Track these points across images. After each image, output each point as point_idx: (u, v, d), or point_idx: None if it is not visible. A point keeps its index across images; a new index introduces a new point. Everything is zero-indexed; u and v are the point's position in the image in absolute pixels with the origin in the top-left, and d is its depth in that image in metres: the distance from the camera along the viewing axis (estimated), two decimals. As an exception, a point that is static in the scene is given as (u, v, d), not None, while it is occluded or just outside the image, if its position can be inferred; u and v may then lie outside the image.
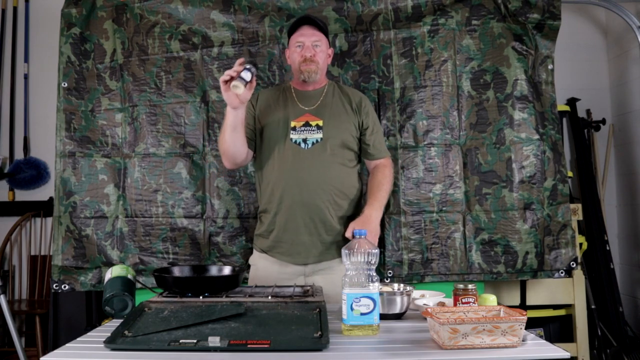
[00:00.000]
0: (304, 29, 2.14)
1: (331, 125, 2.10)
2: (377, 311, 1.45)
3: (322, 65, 2.15)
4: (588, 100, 3.68)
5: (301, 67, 2.11)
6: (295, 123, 2.10)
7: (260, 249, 2.15)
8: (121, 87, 2.67)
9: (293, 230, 2.05)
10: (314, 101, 2.15)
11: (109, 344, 1.30)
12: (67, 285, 2.58)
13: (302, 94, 2.18)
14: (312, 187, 2.04)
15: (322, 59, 2.15)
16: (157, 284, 1.67)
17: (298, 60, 2.13)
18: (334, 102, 2.17)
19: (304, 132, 2.09)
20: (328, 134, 2.08)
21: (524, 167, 2.63)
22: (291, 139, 2.08)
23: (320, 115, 2.12)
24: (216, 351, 1.27)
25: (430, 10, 2.71)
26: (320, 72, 2.14)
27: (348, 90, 2.25)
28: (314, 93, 2.18)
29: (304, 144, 2.07)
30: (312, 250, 2.06)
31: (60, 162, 2.62)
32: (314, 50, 2.11)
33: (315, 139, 2.08)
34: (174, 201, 2.61)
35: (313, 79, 2.13)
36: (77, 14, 2.68)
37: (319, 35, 2.14)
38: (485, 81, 2.69)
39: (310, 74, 2.11)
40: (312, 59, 2.10)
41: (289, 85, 2.24)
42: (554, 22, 2.68)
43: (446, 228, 2.63)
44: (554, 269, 2.61)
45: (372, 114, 2.21)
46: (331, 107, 2.15)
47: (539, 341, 1.39)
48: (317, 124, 2.10)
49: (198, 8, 2.69)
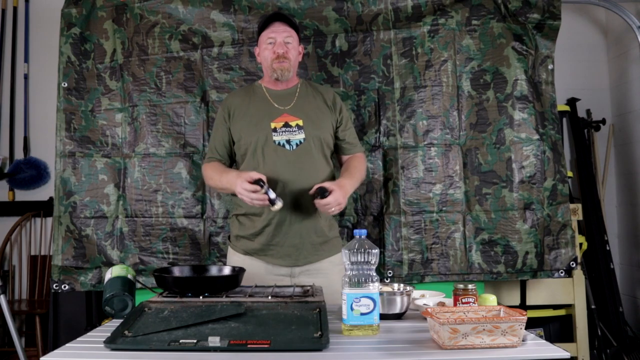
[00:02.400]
0: (275, 25, 2.09)
1: (311, 124, 2.07)
2: (377, 311, 1.45)
3: (294, 62, 2.12)
4: (588, 100, 3.68)
5: (273, 65, 2.07)
6: (275, 124, 2.06)
7: (244, 251, 2.10)
8: (121, 87, 2.67)
9: (284, 233, 2.03)
10: (289, 100, 2.11)
11: (109, 344, 1.30)
12: (67, 285, 2.58)
13: (276, 93, 2.13)
14: (301, 189, 2.01)
15: (294, 56, 2.11)
16: (157, 284, 1.67)
17: (270, 57, 2.08)
18: (309, 100, 2.13)
19: (285, 133, 2.05)
20: (310, 134, 2.06)
21: (524, 167, 2.63)
22: (274, 141, 2.04)
23: (298, 114, 2.08)
24: (216, 351, 1.27)
25: (430, 10, 2.71)
26: (292, 70, 2.10)
27: (320, 88, 2.23)
28: (288, 92, 2.14)
29: (288, 146, 2.04)
30: (302, 252, 2.05)
31: (60, 162, 2.62)
32: (285, 47, 2.07)
33: (298, 140, 2.04)
34: (174, 201, 2.61)
35: (286, 77, 2.09)
36: (77, 14, 2.68)
37: (290, 32, 2.10)
38: (485, 81, 2.69)
39: (283, 72, 2.07)
40: (285, 55, 2.06)
41: (258, 85, 2.18)
42: (554, 22, 2.68)
43: (446, 228, 2.63)
44: (553, 269, 2.61)
45: (344, 110, 2.20)
46: (308, 105, 2.12)
47: (539, 341, 1.39)
48: (297, 124, 2.06)
49: (198, 8, 2.69)
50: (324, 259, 2.08)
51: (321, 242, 2.08)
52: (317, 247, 2.07)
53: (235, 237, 2.15)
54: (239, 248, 2.12)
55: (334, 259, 2.09)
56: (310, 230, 2.05)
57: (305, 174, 2.02)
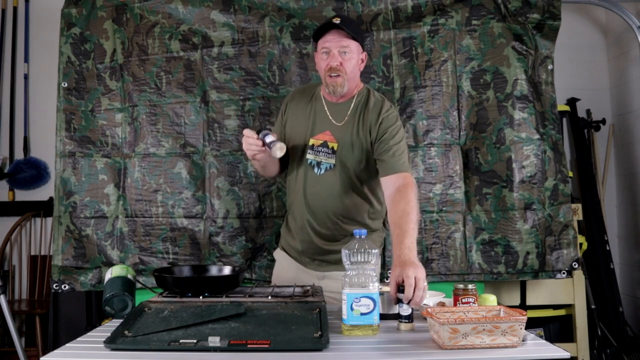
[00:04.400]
0: (331, 34, 1.95)
1: (345, 151, 1.98)
2: (377, 311, 1.45)
3: (351, 74, 1.96)
4: (588, 100, 3.68)
5: (327, 80, 1.96)
6: (314, 141, 2.00)
7: (283, 249, 2.17)
8: (121, 87, 2.67)
9: (308, 246, 2.06)
10: (340, 116, 2.01)
11: (109, 344, 1.30)
12: (67, 285, 2.58)
13: (331, 105, 2.04)
14: (320, 214, 2.01)
15: (351, 67, 1.95)
16: (157, 284, 1.67)
17: (324, 68, 1.96)
18: (356, 119, 2.00)
19: (319, 153, 1.99)
20: (340, 161, 1.98)
21: (525, 167, 2.63)
22: (307, 160, 2.01)
23: (337, 135, 1.99)
24: (216, 351, 1.27)
25: (430, 10, 2.71)
26: (347, 84, 1.96)
27: (373, 104, 2.01)
28: (343, 106, 2.02)
29: (317, 169, 2.00)
30: (327, 263, 2.06)
31: (60, 162, 2.62)
32: (340, 58, 1.94)
33: (328, 164, 1.98)
34: (174, 201, 2.61)
35: (339, 93, 1.97)
36: (77, 14, 2.68)
37: (347, 42, 1.94)
38: (485, 81, 2.69)
39: (336, 87, 1.95)
40: (338, 68, 1.93)
41: (319, 93, 2.08)
42: (554, 22, 2.68)
43: (446, 228, 2.63)
44: (555, 269, 2.61)
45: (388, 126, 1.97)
46: (352, 127, 1.99)
47: (539, 341, 1.39)
48: (332, 147, 1.98)
49: (198, 8, 2.69)
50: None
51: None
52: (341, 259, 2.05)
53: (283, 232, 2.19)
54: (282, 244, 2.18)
55: None
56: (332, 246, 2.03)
57: (325, 201, 2.00)
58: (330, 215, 2.00)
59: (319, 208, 2.01)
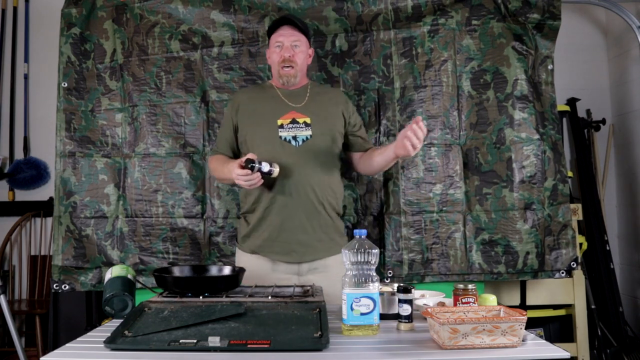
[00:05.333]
0: (284, 29, 2.15)
1: (319, 123, 2.11)
2: (377, 311, 1.45)
3: (301, 66, 2.16)
4: (588, 100, 3.68)
5: (280, 72, 2.13)
6: (282, 121, 2.10)
7: (250, 250, 2.12)
8: (121, 87, 2.67)
9: (289, 229, 2.05)
10: (300, 99, 2.16)
11: (109, 344, 1.30)
12: (67, 285, 2.58)
13: (287, 92, 2.18)
14: (306, 186, 2.04)
15: (302, 59, 2.15)
16: (157, 284, 1.67)
17: (277, 60, 2.13)
18: (319, 100, 2.17)
19: (292, 129, 2.09)
20: (317, 131, 2.09)
21: (524, 167, 2.63)
22: (280, 137, 2.08)
23: (306, 112, 2.12)
24: (216, 351, 1.27)
25: (430, 10, 2.71)
26: (299, 75, 2.15)
27: (331, 90, 2.32)
28: (299, 92, 2.18)
29: (294, 142, 2.07)
30: (308, 249, 2.06)
31: (60, 162, 2.62)
32: (293, 50, 2.12)
33: (305, 136, 2.08)
34: (174, 201, 2.61)
35: (292, 83, 2.15)
36: (77, 14, 2.68)
37: (298, 36, 2.14)
38: (485, 81, 2.69)
39: (289, 78, 2.13)
40: (291, 59, 2.11)
41: (269, 84, 2.25)
42: (554, 22, 2.68)
43: (446, 228, 2.63)
44: (554, 269, 2.61)
45: (355, 112, 2.27)
46: (317, 105, 2.15)
47: (539, 341, 1.39)
48: (304, 121, 2.10)
49: (198, 8, 2.69)
50: (330, 256, 2.09)
51: (328, 239, 2.09)
52: (324, 243, 2.08)
53: (242, 237, 2.17)
54: (246, 247, 2.14)
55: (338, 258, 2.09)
56: (315, 226, 2.06)
57: (310, 170, 2.05)
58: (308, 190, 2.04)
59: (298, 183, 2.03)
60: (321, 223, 2.07)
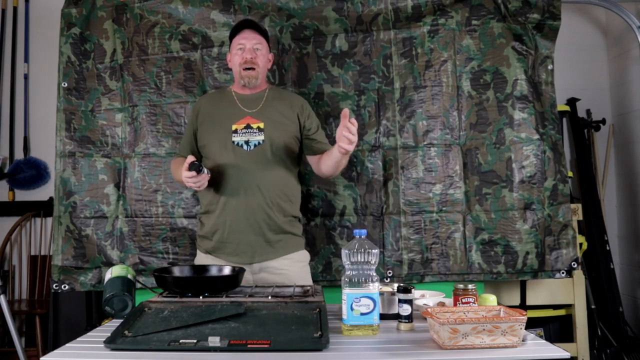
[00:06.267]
0: (245, 33, 2.20)
1: (272, 127, 2.14)
2: (377, 311, 1.45)
3: (262, 69, 2.20)
4: (588, 100, 3.68)
5: (242, 73, 2.17)
6: (237, 126, 2.14)
7: (205, 250, 2.18)
8: (121, 87, 2.67)
9: (238, 230, 2.09)
10: (255, 104, 2.19)
11: (109, 344, 1.30)
12: (67, 285, 2.58)
13: (243, 97, 2.22)
14: (255, 189, 2.08)
15: (263, 62, 2.20)
16: (157, 284, 1.67)
17: (239, 62, 2.17)
18: (275, 105, 2.20)
19: (245, 134, 2.13)
20: (270, 137, 2.13)
21: (524, 167, 2.63)
22: (233, 142, 2.12)
23: (261, 118, 2.15)
24: (216, 351, 1.27)
25: (430, 10, 2.71)
26: (260, 77, 2.19)
27: (288, 95, 2.33)
28: (255, 96, 2.22)
29: (246, 146, 2.12)
30: (258, 250, 2.10)
31: (60, 162, 2.62)
32: (254, 53, 2.17)
33: (257, 141, 2.12)
34: (174, 201, 2.61)
35: (253, 84, 2.19)
36: (77, 14, 2.68)
37: (259, 39, 2.20)
38: (485, 81, 2.69)
39: (251, 79, 2.16)
40: (253, 61, 2.15)
41: (229, 90, 2.28)
42: (554, 22, 2.68)
43: (446, 228, 2.63)
44: (554, 269, 2.61)
45: (313, 116, 2.27)
46: (272, 110, 2.19)
47: (539, 341, 1.39)
48: (258, 127, 2.14)
49: (198, 8, 2.69)
50: (281, 257, 2.12)
51: (277, 240, 2.11)
52: (273, 244, 2.11)
53: (199, 237, 2.23)
54: (202, 247, 2.20)
55: (293, 256, 2.15)
56: (264, 227, 2.09)
57: (260, 174, 2.09)
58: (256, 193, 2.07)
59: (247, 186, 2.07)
60: (271, 226, 2.10)
